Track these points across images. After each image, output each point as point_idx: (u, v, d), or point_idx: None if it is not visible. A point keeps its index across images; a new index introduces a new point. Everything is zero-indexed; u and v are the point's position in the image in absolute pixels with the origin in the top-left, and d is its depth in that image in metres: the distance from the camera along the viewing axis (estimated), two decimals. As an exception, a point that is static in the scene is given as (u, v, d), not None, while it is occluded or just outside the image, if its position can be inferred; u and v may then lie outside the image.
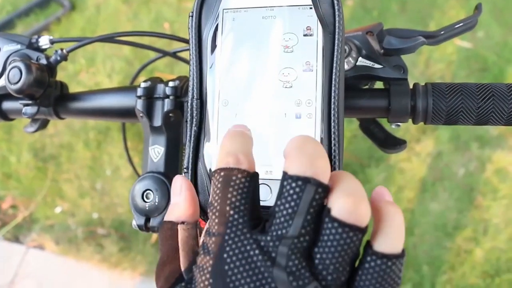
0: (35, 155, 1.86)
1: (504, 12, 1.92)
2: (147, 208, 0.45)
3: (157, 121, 0.48)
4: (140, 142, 1.76)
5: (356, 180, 0.24)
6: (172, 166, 0.48)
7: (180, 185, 0.30)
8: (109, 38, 0.51)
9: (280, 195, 0.24)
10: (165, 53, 0.59)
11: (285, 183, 0.23)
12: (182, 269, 0.26)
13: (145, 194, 0.45)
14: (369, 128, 0.49)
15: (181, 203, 0.29)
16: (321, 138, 0.32)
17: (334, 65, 0.32)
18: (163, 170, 0.48)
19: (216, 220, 0.24)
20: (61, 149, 1.86)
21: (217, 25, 0.35)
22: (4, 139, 1.90)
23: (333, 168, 0.31)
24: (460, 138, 1.69)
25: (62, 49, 0.52)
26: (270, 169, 0.32)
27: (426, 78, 1.83)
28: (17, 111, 0.54)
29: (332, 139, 0.32)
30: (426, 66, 1.84)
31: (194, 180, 0.34)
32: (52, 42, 0.54)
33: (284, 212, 0.23)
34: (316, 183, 0.23)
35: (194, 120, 0.34)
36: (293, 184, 0.23)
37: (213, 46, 0.34)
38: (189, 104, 0.35)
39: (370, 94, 0.43)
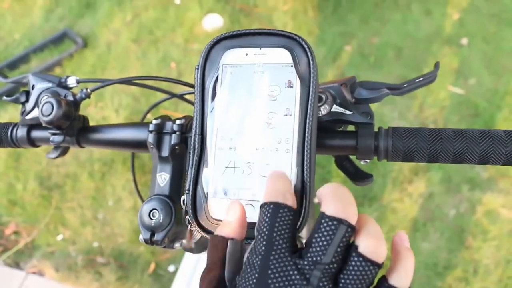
0: (41, 183, 1.89)
1: (494, 61, 1.96)
2: (152, 225, 0.51)
3: (165, 152, 0.55)
4: (142, 174, 1.79)
5: (377, 224, 0.31)
6: (176, 190, 0.54)
7: (235, 208, 0.34)
8: (128, 81, 0.60)
9: (317, 230, 0.29)
10: (173, 95, 0.67)
11: (322, 221, 0.29)
12: (226, 278, 0.31)
13: (151, 212, 0.52)
14: (342, 163, 0.56)
15: (233, 223, 0.33)
16: (297, 169, 0.39)
17: (308, 111, 0.40)
18: (168, 193, 0.54)
19: (264, 243, 0.29)
20: (66, 178, 1.89)
21: (217, 76, 0.43)
22: (12, 166, 1.94)
23: (304, 191, 0.38)
24: (451, 180, 1.71)
25: (86, 88, 0.60)
26: (254, 192, 0.40)
27: (419, 121, 1.86)
28: (45, 139, 0.61)
29: (305, 170, 0.39)
30: (420, 111, 1.87)
31: (193, 199, 0.41)
32: (78, 82, 0.61)
33: (320, 244, 0.29)
34: (347, 224, 0.29)
35: (196, 152, 0.42)
36: (330, 223, 0.29)
37: (213, 94, 0.42)
38: (192, 139, 0.42)
39: (341, 135, 0.51)
